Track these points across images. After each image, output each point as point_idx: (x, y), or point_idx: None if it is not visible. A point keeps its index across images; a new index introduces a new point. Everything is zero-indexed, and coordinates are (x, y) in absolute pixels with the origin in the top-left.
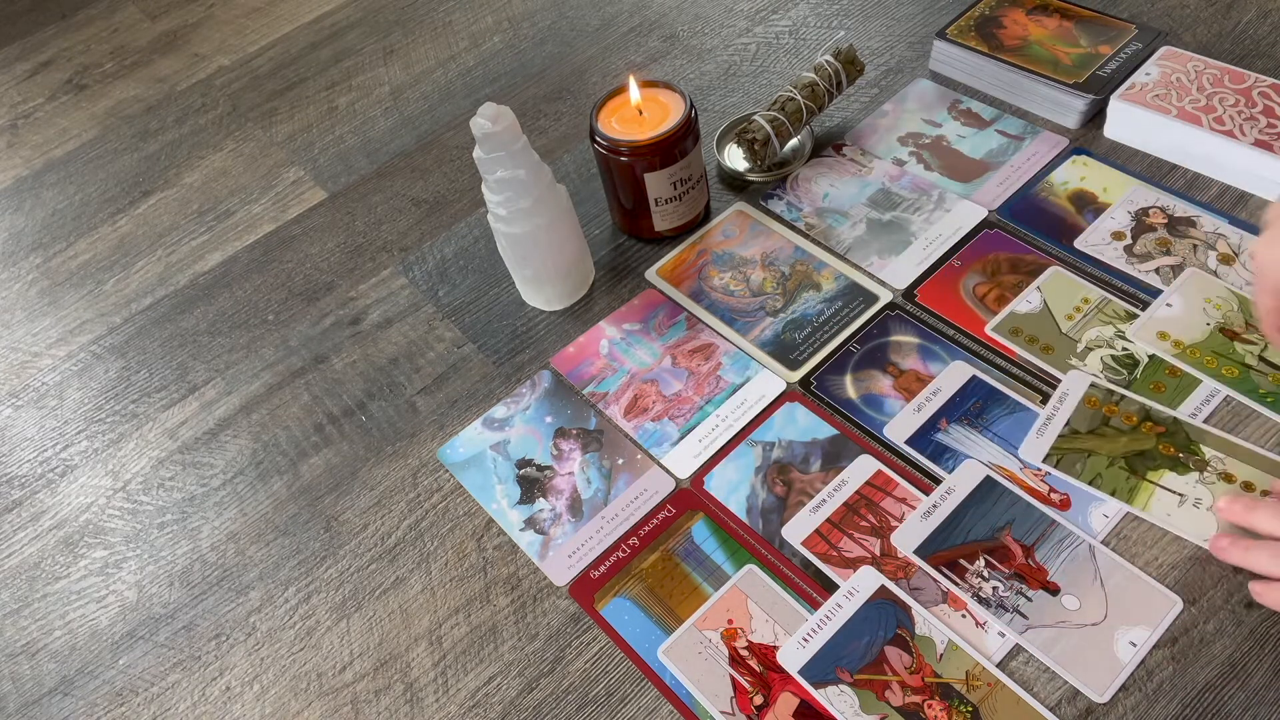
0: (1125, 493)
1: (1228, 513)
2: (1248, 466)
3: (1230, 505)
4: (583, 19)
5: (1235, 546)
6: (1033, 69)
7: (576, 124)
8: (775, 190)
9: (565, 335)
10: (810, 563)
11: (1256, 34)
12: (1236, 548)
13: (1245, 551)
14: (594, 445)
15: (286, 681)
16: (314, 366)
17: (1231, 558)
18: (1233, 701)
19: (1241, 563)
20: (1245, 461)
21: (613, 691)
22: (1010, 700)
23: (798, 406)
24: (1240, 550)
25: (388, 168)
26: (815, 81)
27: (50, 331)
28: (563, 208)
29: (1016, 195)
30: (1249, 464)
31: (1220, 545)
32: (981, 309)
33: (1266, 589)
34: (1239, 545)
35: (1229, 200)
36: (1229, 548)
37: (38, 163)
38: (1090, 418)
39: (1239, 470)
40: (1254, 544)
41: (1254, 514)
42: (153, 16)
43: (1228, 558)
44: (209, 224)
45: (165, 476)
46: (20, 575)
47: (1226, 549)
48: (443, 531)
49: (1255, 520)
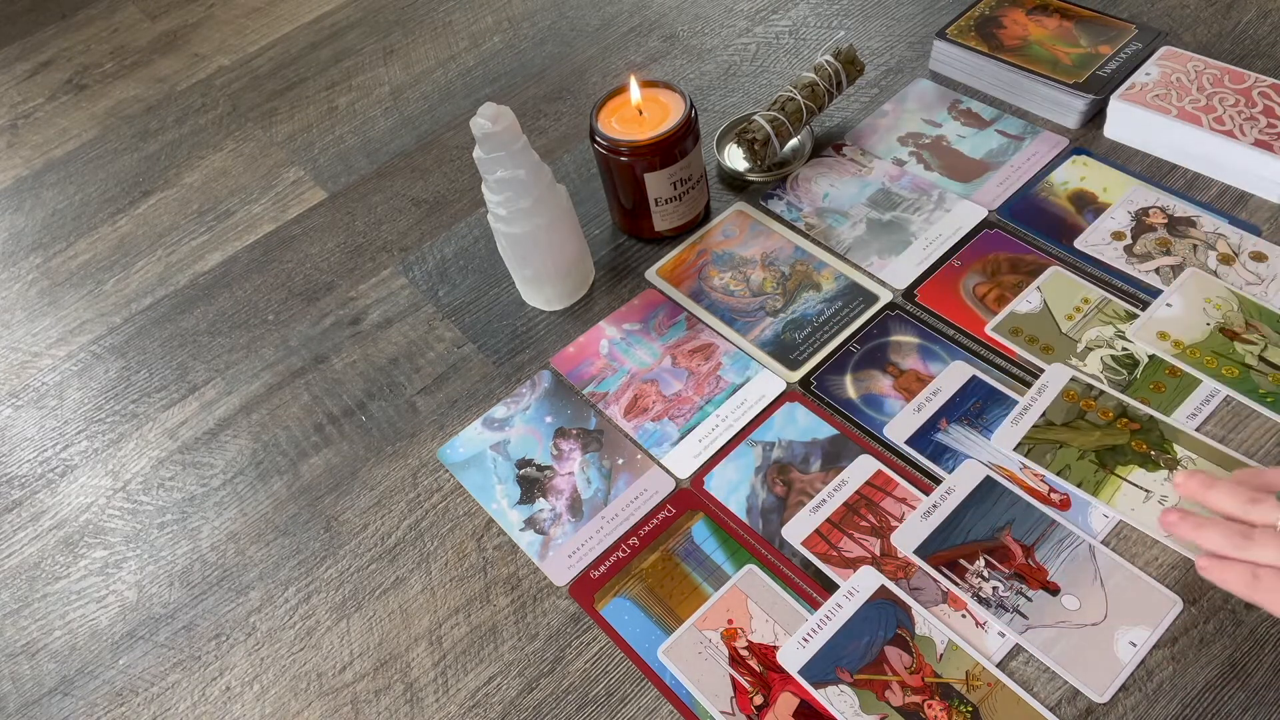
0: (1092, 485)
1: (1184, 488)
2: (1219, 468)
3: (1187, 481)
4: (583, 19)
5: (1185, 522)
6: (1033, 69)
7: (576, 124)
8: (775, 190)
9: (565, 335)
10: (810, 563)
11: (1256, 34)
12: (1187, 523)
13: (1196, 529)
14: (594, 445)
15: (286, 681)
16: (314, 366)
17: (1182, 533)
18: (1233, 701)
19: (1191, 537)
20: (1216, 463)
21: (613, 691)
22: (1010, 700)
23: (798, 406)
24: (1191, 526)
25: (388, 168)
26: (815, 81)
27: (50, 331)
28: (563, 208)
29: (1016, 195)
30: (1220, 466)
31: (1170, 520)
32: (981, 309)
33: (1213, 564)
34: (1189, 521)
35: (1229, 200)
36: (1179, 523)
37: (38, 163)
38: (1067, 410)
39: (1209, 471)
40: (1205, 521)
41: (1210, 491)
42: (153, 16)
43: (1178, 533)
44: (209, 224)
45: (165, 476)
46: (20, 575)
47: (1176, 524)
48: (443, 531)
49: (1211, 498)
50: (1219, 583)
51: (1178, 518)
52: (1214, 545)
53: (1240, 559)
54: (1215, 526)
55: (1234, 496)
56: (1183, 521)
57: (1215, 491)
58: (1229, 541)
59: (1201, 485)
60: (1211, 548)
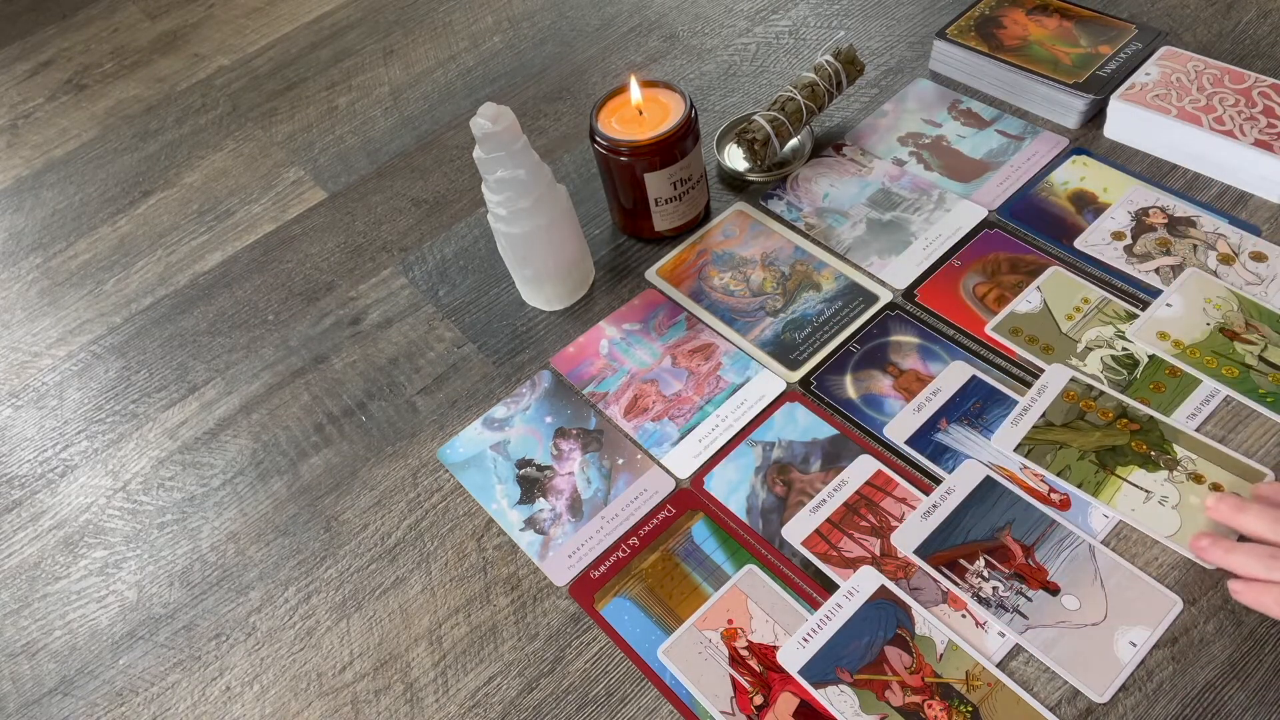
0: (1092, 485)
1: (1215, 512)
2: (1218, 469)
3: (1218, 505)
4: (583, 19)
5: (1216, 547)
6: (1033, 69)
7: (576, 124)
8: (775, 190)
9: (565, 335)
10: (810, 563)
11: (1256, 34)
12: (1218, 548)
13: (1227, 553)
14: (594, 445)
15: (286, 681)
16: (314, 366)
17: (1212, 558)
18: (1233, 701)
19: (1223, 564)
20: (1216, 464)
21: (613, 691)
22: (1010, 700)
23: (798, 406)
24: (1221, 551)
25: (388, 168)
26: (815, 81)
27: (50, 331)
28: (563, 208)
29: (1016, 195)
30: (1220, 466)
31: (1201, 545)
32: (981, 309)
33: (1246, 588)
34: (1220, 545)
35: (1229, 200)
36: (1210, 547)
37: (38, 163)
38: (1066, 411)
39: (1209, 472)
40: (1236, 545)
41: (1241, 515)
42: (153, 16)
43: (1209, 557)
44: (209, 224)
45: (165, 476)
46: (20, 575)
47: (1207, 549)
48: (443, 531)
49: (1242, 521)
50: (1253, 605)
51: (1209, 542)
52: (1246, 569)
53: (1273, 580)
54: (1246, 551)
55: (1264, 519)
56: (1214, 546)
57: (1246, 515)
58: (1261, 564)
59: (1232, 509)
60: (1244, 572)
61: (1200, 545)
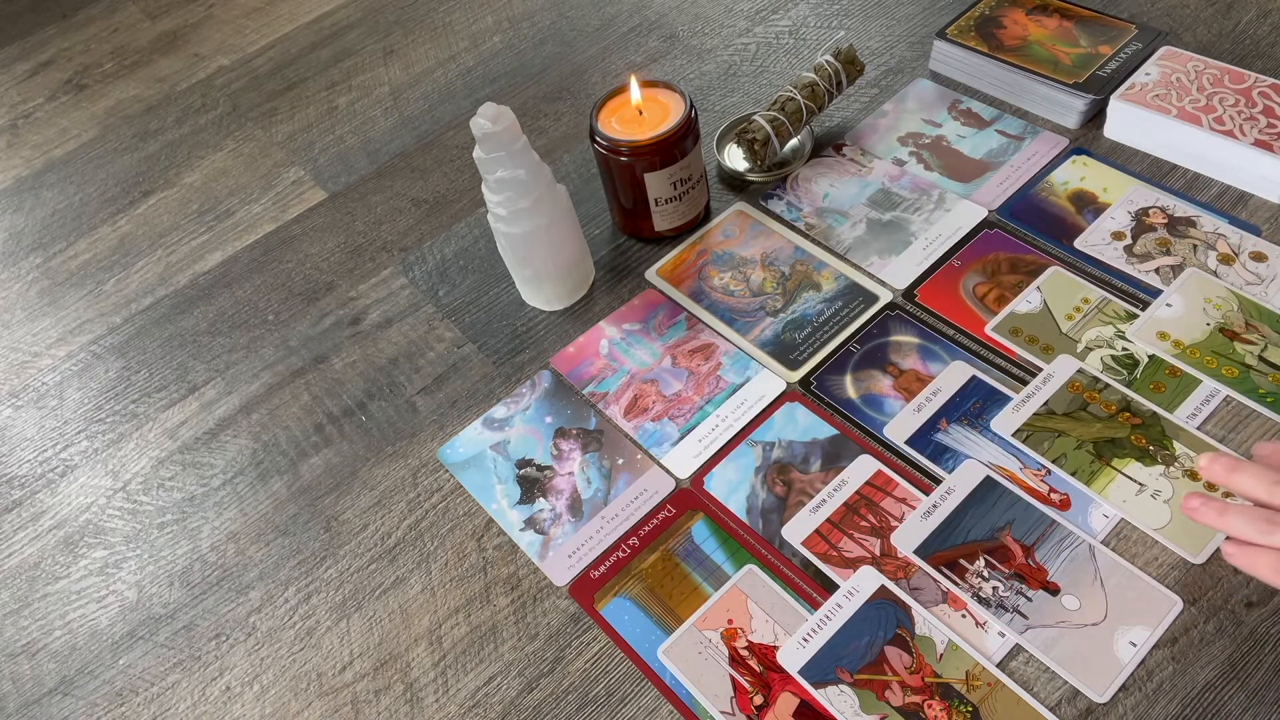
0: (1086, 475)
1: (1208, 472)
2: None
3: (1211, 465)
4: (583, 19)
5: (1208, 507)
6: (1033, 69)
7: (576, 124)
8: (775, 190)
9: (565, 335)
10: (810, 563)
11: (1256, 34)
12: (1210, 508)
13: (1220, 515)
14: (594, 445)
15: (286, 681)
16: (314, 366)
17: (1204, 518)
18: (1233, 701)
19: (1216, 525)
20: None
21: (613, 691)
22: (1010, 700)
23: (798, 406)
24: (1214, 512)
25: (388, 168)
26: (815, 81)
27: (50, 331)
28: (563, 208)
29: (1016, 195)
30: None
31: (1192, 505)
32: (981, 309)
33: (1240, 551)
34: (1212, 506)
35: (1229, 200)
36: (1201, 508)
37: (38, 163)
38: (1069, 401)
39: None
40: (1229, 506)
41: (1236, 475)
42: (153, 16)
43: (1200, 518)
44: (209, 224)
45: (165, 476)
46: (20, 575)
47: (1198, 509)
48: (443, 531)
49: (1237, 482)
50: (1245, 568)
51: (1200, 503)
52: (1240, 531)
53: (1267, 545)
54: (1240, 513)
55: (1262, 481)
56: (1205, 507)
57: (1240, 475)
58: (1255, 527)
59: (1226, 469)
60: (1237, 534)
61: (1191, 506)
